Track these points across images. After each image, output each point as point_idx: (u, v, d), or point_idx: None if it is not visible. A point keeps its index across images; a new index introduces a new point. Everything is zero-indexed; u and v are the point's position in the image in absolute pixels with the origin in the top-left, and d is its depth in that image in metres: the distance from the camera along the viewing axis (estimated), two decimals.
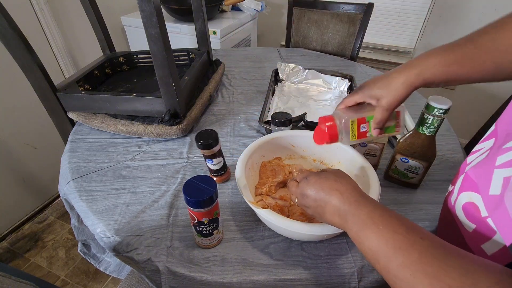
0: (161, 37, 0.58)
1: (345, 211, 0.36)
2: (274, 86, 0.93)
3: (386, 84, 0.44)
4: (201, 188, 0.41)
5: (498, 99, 1.59)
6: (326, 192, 0.38)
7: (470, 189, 0.35)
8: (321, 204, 0.39)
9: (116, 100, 0.71)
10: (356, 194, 0.37)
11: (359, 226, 0.34)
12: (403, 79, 0.42)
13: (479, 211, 0.33)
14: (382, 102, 0.44)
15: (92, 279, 1.16)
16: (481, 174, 0.33)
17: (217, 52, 1.27)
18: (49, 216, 1.40)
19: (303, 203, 0.42)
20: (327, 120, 0.48)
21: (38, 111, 1.22)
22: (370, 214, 0.34)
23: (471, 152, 0.42)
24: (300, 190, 0.42)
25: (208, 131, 0.55)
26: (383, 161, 0.63)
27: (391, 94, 0.43)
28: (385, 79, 0.44)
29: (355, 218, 0.34)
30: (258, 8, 1.71)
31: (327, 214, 0.38)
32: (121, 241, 0.50)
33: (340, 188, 0.38)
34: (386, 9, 1.65)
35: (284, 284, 0.45)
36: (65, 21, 1.33)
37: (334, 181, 0.39)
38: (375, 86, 0.45)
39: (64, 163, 0.67)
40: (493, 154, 0.33)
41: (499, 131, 0.36)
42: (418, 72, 0.41)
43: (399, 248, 0.29)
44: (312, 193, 0.40)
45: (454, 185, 0.42)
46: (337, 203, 0.37)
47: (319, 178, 0.40)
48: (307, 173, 0.43)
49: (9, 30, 0.61)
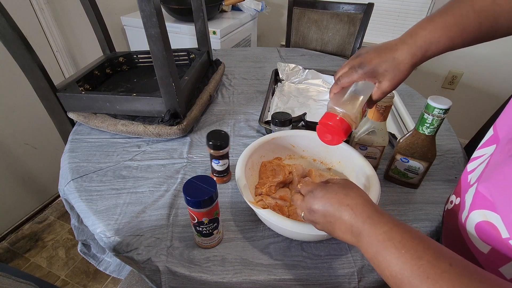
0: (161, 37, 0.58)
1: (358, 229, 0.32)
2: (274, 86, 0.93)
3: (393, 65, 0.40)
4: (201, 188, 0.41)
5: (498, 99, 1.60)
6: (335, 208, 0.35)
7: (484, 207, 0.33)
8: (331, 220, 0.35)
9: (116, 100, 0.71)
10: (368, 209, 0.33)
11: (376, 248, 0.30)
12: (410, 61, 0.39)
13: (499, 231, 0.30)
14: (384, 85, 0.41)
15: (92, 279, 1.16)
16: (498, 192, 0.31)
17: (217, 52, 1.27)
18: (49, 216, 1.40)
19: (311, 218, 0.38)
20: (332, 119, 0.43)
21: (38, 111, 1.22)
22: (389, 234, 0.30)
23: (470, 159, 0.40)
24: (306, 204, 0.38)
25: (220, 132, 0.55)
26: (383, 161, 0.63)
27: (396, 77, 0.40)
28: (390, 59, 0.40)
29: (370, 238, 0.31)
30: (258, 8, 1.71)
31: (337, 231, 0.35)
32: (121, 241, 0.50)
33: (351, 203, 0.34)
34: (386, 9, 1.65)
35: (284, 284, 0.45)
36: (65, 21, 1.33)
37: (343, 195, 0.35)
38: (379, 65, 0.41)
39: (64, 163, 0.67)
40: (504, 166, 0.31)
41: (500, 137, 0.35)
42: (424, 52, 0.39)
43: (426, 278, 0.26)
44: (320, 208, 0.36)
45: (459, 197, 0.40)
46: (349, 219, 0.33)
47: (327, 192, 0.37)
48: (312, 186, 0.39)
49: (9, 30, 0.61)
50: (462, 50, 1.59)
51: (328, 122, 0.44)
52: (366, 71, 0.42)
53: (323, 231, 0.38)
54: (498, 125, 0.37)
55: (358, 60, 0.43)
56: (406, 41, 0.41)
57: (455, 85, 1.69)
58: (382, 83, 0.41)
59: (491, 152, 0.36)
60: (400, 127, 0.76)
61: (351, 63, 0.44)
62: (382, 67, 0.41)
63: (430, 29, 0.39)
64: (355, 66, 0.43)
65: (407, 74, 0.41)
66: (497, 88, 1.60)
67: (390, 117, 0.80)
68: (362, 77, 0.43)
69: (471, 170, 0.39)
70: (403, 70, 0.40)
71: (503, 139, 0.34)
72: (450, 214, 0.41)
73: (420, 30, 0.40)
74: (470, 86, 1.66)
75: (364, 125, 0.56)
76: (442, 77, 1.70)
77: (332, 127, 0.44)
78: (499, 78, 1.57)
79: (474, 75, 1.62)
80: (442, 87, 1.73)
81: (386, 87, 0.41)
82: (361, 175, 0.52)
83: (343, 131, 0.43)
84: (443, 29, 0.39)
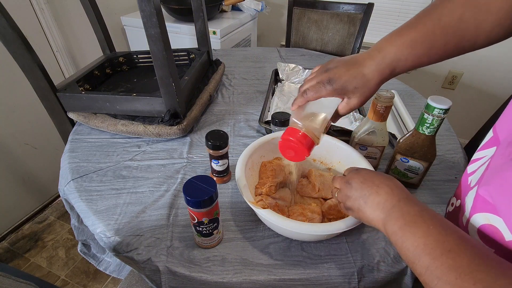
0: (161, 37, 0.58)
1: (391, 204, 0.34)
2: (274, 86, 0.93)
3: (362, 83, 0.41)
4: (201, 188, 0.41)
5: (498, 99, 1.60)
6: (375, 184, 0.36)
7: (486, 210, 0.33)
8: (366, 194, 0.37)
9: (116, 100, 0.71)
10: (406, 193, 0.35)
11: (405, 220, 0.31)
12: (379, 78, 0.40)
13: (502, 234, 0.30)
14: (353, 102, 0.42)
15: (92, 279, 1.16)
16: (499, 194, 0.31)
17: (217, 52, 1.27)
18: (49, 216, 1.40)
19: (345, 192, 0.39)
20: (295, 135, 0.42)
21: (38, 111, 1.22)
22: (421, 213, 0.31)
23: (471, 161, 0.40)
24: (347, 179, 0.40)
25: (220, 132, 0.55)
26: (383, 161, 0.63)
27: (365, 94, 0.41)
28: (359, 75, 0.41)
29: (402, 212, 0.32)
30: (258, 8, 1.71)
31: (368, 207, 0.36)
32: (121, 241, 0.50)
33: (391, 184, 0.36)
34: (386, 9, 1.65)
35: (284, 284, 0.45)
36: (65, 21, 1.33)
37: (385, 178, 0.37)
38: (349, 82, 0.41)
39: (64, 163, 0.67)
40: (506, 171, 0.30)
41: (500, 139, 0.35)
42: (392, 70, 0.40)
43: (448, 251, 0.27)
44: (358, 182, 0.38)
45: (459, 199, 0.40)
46: (384, 196, 0.35)
47: (372, 172, 0.39)
48: (359, 167, 0.42)
49: (9, 30, 0.61)
50: None
51: (290, 138, 0.42)
52: (336, 87, 0.42)
53: (351, 208, 0.39)
54: (498, 126, 0.37)
55: (327, 76, 0.43)
56: (374, 56, 0.41)
57: (455, 85, 1.69)
58: (351, 99, 0.42)
59: (491, 154, 0.35)
60: (400, 127, 0.76)
61: (320, 78, 0.44)
62: (352, 84, 0.41)
63: (398, 46, 0.40)
64: (324, 82, 0.43)
65: (375, 90, 0.42)
66: (497, 88, 1.60)
67: (390, 117, 0.80)
68: (330, 93, 0.42)
69: (471, 172, 0.39)
70: (372, 87, 0.41)
71: (504, 141, 0.34)
72: (451, 216, 0.41)
73: (388, 46, 0.40)
74: (470, 86, 1.66)
75: (364, 125, 0.56)
76: (442, 77, 1.70)
77: (294, 143, 0.42)
78: (499, 78, 1.57)
79: (474, 75, 1.62)
80: (442, 87, 1.73)
81: (355, 103, 0.42)
82: None
83: (306, 147, 0.42)
84: (410, 46, 0.39)
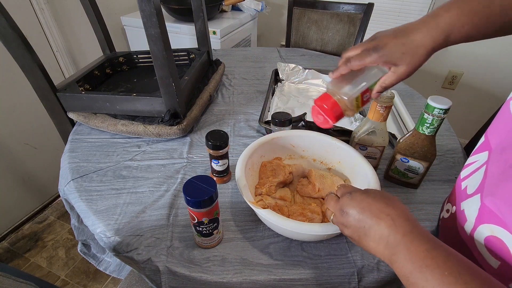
0: (161, 37, 0.58)
1: (396, 241, 0.30)
2: (274, 86, 0.93)
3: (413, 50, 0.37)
4: (201, 188, 0.41)
5: (498, 99, 1.60)
6: (374, 214, 0.32)
7: (492, 222, 0.31)
8: (365, 226, 0.33)
9: (116, 100, 0.71)
10: (410, 223, 0.31)
11: (415, 264, 0.27)
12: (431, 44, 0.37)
13: (507, 248, 0.29)
14: (401, 69, 0.39)
15: (92, 279, 1.16)
16: (504, 206, 0.30)
17: (217, 52, 1.27)
18: (49, 216, 1.40)
19: (342, 220, 0.35)
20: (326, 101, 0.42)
21: (38, 111, 1.22)
22: (432, 253, 0.27)
23: (464, 166, 0.40)
24: (341, 205, 0.36)
25: (220, 132, 0.55)
26: (383, 161, 0.63)
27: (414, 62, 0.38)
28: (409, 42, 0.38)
29: (410, 253, 0.28)
30: (258, 8, 1.71)
31: (369, 240, 0.32)
32: (121, 241, 0.50)
33: (392, 213, 0.31)
34: (386, 9, 1.65)
35: (284, 284, 0.45)
36: (65, 21, 1.33)
37: (385, 204, 0.33)
38: (397, 49, 0.38)
39: (64, 163, 0.67)
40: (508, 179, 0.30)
41: (492, 144, 0.35)
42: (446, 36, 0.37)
43: None
44: (355, 212, 0.34)
45: (454, 205, 0.39)
46: (386, 230, 0.31)
47: (367, 197, 0.34)
48: (351, 188, 0.37)
49: (9, 30, 0.61)
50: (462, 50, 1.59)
51: (321, 103, 0.43)
52: (381, 54, 0.39)
53: (351, 237, 0.35)
54: (489, 132, 0.36)
55: (373, 43, 0.40)
56: (427, 22, 0.38)
57: (455, 85, 1.69)
58: (398, 67, 0.39)
59: (484, 159, 0.35)
60: (400, 127, 0.76)
61: (365, 46, 0.41)
62: (399, 49, 0.38)
63: (455, 12, 0.37)
64: (369, 49, 0.40)
65: (425, 59, 0.38)
66: (497, 88, 1.60)
67: (390, 117, 0.80)
68: (376, 61, 0.39)
69: (464, 177, 0.38)
70: (422, 54, 0.38)
71: (497, 148, 0.33)
72: (448, 223, 0.41)
73: (443, 12, 0.37)
74: (470, 86, 1.66)
75: (364, 125, 0.56)
76: (442, 77, 1.70)
77: (323, 109, 0.42)
78: (499, 78, 1.57)
79: (474, 75, 1.62)
80: (442, 87, 1.73)
81: (403, 71, 0.39)
82: (361, 175, 0.52)
83: (333, 115, 0.42)
84: (468, 14, 0.36)
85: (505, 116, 0.34)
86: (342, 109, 0.42)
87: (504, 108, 0.34)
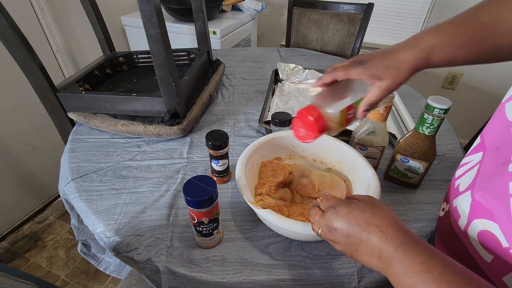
0: (161, 37, 0.58)
1: (389, 254, 0.29)
2: (274, 86, 0.93)
3: (395, 65, 0.39)
4: (201, 188, 0.41)
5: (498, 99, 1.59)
6: (362, 228, 0.31)
7: (483, 216, 0.32)
8: (355, 241, 0.32)
9: (116, 100, 0.71)
10: (401, 233, 0.30)
11: (412, 280, 0.27)
12: (413, 61, 0.39)
13: (499, 241, 0.29)
14: (384, 84, 0.39)
15: (92, 279, 1.16)
16: (494, 200, 0.30)
17: (217, 52, 1.27)
18: (49, 216, 1.40)
19: (331, 237, 0.35)
20: (310, 112, 0.40)
21: (38, 111, 1.22)
22: (427, 266, 0.27)
23: (459, 166, 0.41)
24: (326, 221, 0.35)
25: (220, 132, 0.55)
26: (383, 161, 0.63)
27: (397, 76, 0.39)
28: (392, 58, 0.40)
29: (405, 268, 0.28)
30: (258, 8, 1.71)
31: (362, 254, 0.32)
32: (121, 241, 0.50)
33: (380, 224, 0.31)
34: (386, 9, 1.65)
35: (284, 284, 0.45)
36: (65, 21, 1.33)
37: (371, 214, 0.32)
38: (381, 63, 0.40)
39: (64, 163, 0.67)
40: (498, 175, 0.30)
41: (487, 144, 0.35)
42: (427, 56, 0.38)
43: None
44: (343, 228, 0.33)
45: (448, 203, 0.40)
46: (378, 242, 0.30)
47: (352, 209, 0.33)
48: (334, 202, 0.36)
49: (9, 30, 0.61)
50: None
51: (306, 114, 0.41)
52: (366, 66, 0.40)
53: (343, 252, 0.35)
54: (485, 133, 0.37)
55: (359, 58, 0.42)
56: (409, 44, 0.40)
57: (455, 85, 1.69)
58: (382, 81, 0.40)
59: (478, 159, 0.35)
60: (400, 127, 0.76)
61: (351, 60, 0.43)
62: (383, 63, 0.40)
63: (435, 34, 0.39)
64: (355, 62, 0.41)
65: (408, 76, 0.39)
66: (497, 88, 1.60)
67: (390, 117, 0.80)
68: (360, 72, 0.40)
69: (458, 176, 0.39)
70: (405, 70, 0.39)
71: (490, 147, 0.34)
72: (444, 221, 0.41)
73: (424, 35, 0.40)
74: (470, 86, 1.66)
75: (364, 125, 0.56)
76: (442, 77, 1.70)
77: (308, 121, 0.41)
78: (499, 78, 1.57)
79: (474, 75, 1.62)
80: (442, 87, 1.73)
81: (386, 86, 0.40)
82: (361, 175, 0.52)
83: (318, 128, 0.40)
84: (449, 36, 0.38)
85: (499, 118, 0.34)
86: (326, 123, 0.41)
87: (499, 110, 0.35)
